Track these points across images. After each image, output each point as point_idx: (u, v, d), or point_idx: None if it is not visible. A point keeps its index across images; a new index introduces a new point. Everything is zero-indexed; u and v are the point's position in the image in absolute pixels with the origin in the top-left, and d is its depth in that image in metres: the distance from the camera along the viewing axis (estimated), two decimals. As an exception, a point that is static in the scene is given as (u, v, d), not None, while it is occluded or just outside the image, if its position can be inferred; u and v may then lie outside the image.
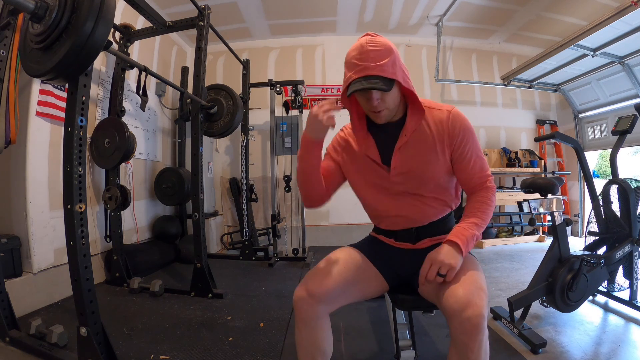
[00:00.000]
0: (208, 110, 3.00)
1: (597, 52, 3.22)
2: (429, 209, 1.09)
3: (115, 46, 2.61)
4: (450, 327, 0.87)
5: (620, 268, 1.98)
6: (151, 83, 3.58)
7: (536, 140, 2.34)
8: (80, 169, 1.33)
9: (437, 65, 4.34)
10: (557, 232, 1.76)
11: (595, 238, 2.05)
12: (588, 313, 1.97)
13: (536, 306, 1.93)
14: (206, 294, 2.33)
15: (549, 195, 1.79)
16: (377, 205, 1.13)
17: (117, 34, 2.72)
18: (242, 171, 3.60)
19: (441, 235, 1.07)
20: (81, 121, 1.32)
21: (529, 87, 4.31)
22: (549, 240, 2.84)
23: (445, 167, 1.05)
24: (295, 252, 3.53)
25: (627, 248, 1.91)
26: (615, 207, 2.01)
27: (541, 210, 4.31)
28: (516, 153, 4.40)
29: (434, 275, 0.92)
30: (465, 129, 1.02)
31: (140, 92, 2.09)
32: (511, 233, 4.37)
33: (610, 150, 2.09)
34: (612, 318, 1.92)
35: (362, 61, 0.91)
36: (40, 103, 2.16)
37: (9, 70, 1.71)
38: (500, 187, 4.39)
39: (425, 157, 1.03)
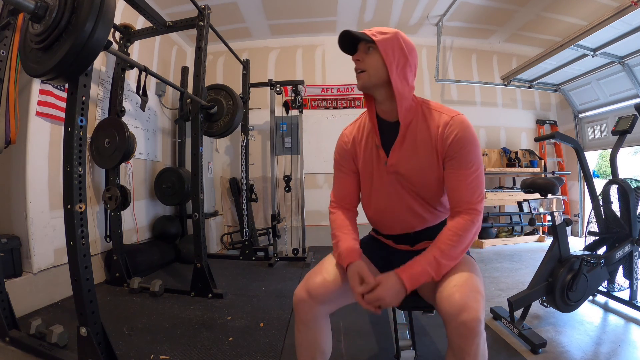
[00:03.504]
0: (208, 110, 3.00)
1: (597, 52, 3.22)
2: (426, 214, 1.07)
3: (115, 46, 2.61)
4: (447, 331, 0.86)
5: (620, 268, 1.99)
6: (151, 83, 3.58)
7: (536, 140, 2.33)
8: (80, 169, 1.33)
9: (437, 65, 4.33)
10: (557, 232, 1.76)
11: (595, 238, 2.05)
12: (588, 313, 1.97)
13: (536, 306, 1.93)
14: (206, 294, 2.33)
15: (549, 195, 1.79)
16: (377, 204, 1.11)
17: (117, 34, 2.72)
18: (242, 171, 3.60)
19: None
20: (81, 121, 1.32)
21: (529, 87, 4.30)
22: (549, 240, 2.85)
23: (442, 171, 1.00)
24: (295, 252, 3.53)
25: (627, 248, 1.91)
26: (615, 207, 2.01)
27: (541, 210, 4.31)
28: (516, 153, 4.40)
29: (372, 308, 0.92)
30: (463, 139, 0.94)
31: (140, 92, 2.08)
32: (511, 233, 4.37)
33: (610, 150, 2.09)
34: (612, 318, 1.92)
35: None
36: (40, 103, 2.16)
37: (9, 70, 1.71)
38: (500, 187, 4.39)
39: (422, 160, 1.00)
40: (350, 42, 1.00)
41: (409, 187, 1.04)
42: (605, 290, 2.07)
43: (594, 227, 2.07)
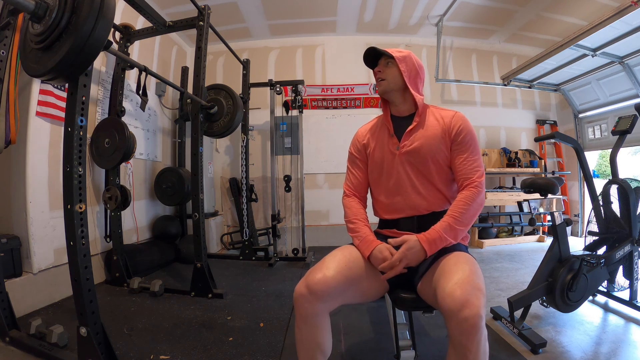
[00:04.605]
0: (208, 110, 3.00)
1: (597, 52, 3.22)
2: (431, 198, 1.19)
3: (115, 46, 2.61)
4: (448, 328, 0.87)
5: (620, 268, 1.99)
6: (151, 83, 3.58)
7: (536, 140, 2.34)
8: (80, 169, 1.33)
9: (437, 65, 4.33)
10: (557, 232, 1.76)
11: (595, 238, 2.05)
12: (588, 313, 1.98)
13: (536, 306, 1.94)
14: (206, 294, 2.33)
15: (549, 195, 1.79)
16: (387, 184, 1.23)
17: (117, 34, 2.72)
18: (242, 171, 3.60)
19: None
20: (81, 121, 1.32)
21: (529, 87, 4.30)
22: (549, 240, 2.85)
23: (447, 156, 1.18)
24: (295, 252, 3.53)
25: (627, 248, 1.91)
26: (615, 207, 2.01)
27: (541, 210, 4.31)
28: (516, 153, 4.40)
29: (398, 272, 1.05)
30: (465, 128, 1.18)
31: (140, 92, 2.08)
32: (511, 233, 4.37)
33: (610, 150, 2.09)
34: (612, 318, 1.92)
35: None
36: (40, 103, 2.16)
37: (9, 70, 1.71)
38: (500, 187, 4.39)
39: (430, 140, 1.18)
40: (370, 58, 1.24)
41: (416, 167, 1.19)
42: (605, 290, 2.07)
43: (594, 227, 2.07)
